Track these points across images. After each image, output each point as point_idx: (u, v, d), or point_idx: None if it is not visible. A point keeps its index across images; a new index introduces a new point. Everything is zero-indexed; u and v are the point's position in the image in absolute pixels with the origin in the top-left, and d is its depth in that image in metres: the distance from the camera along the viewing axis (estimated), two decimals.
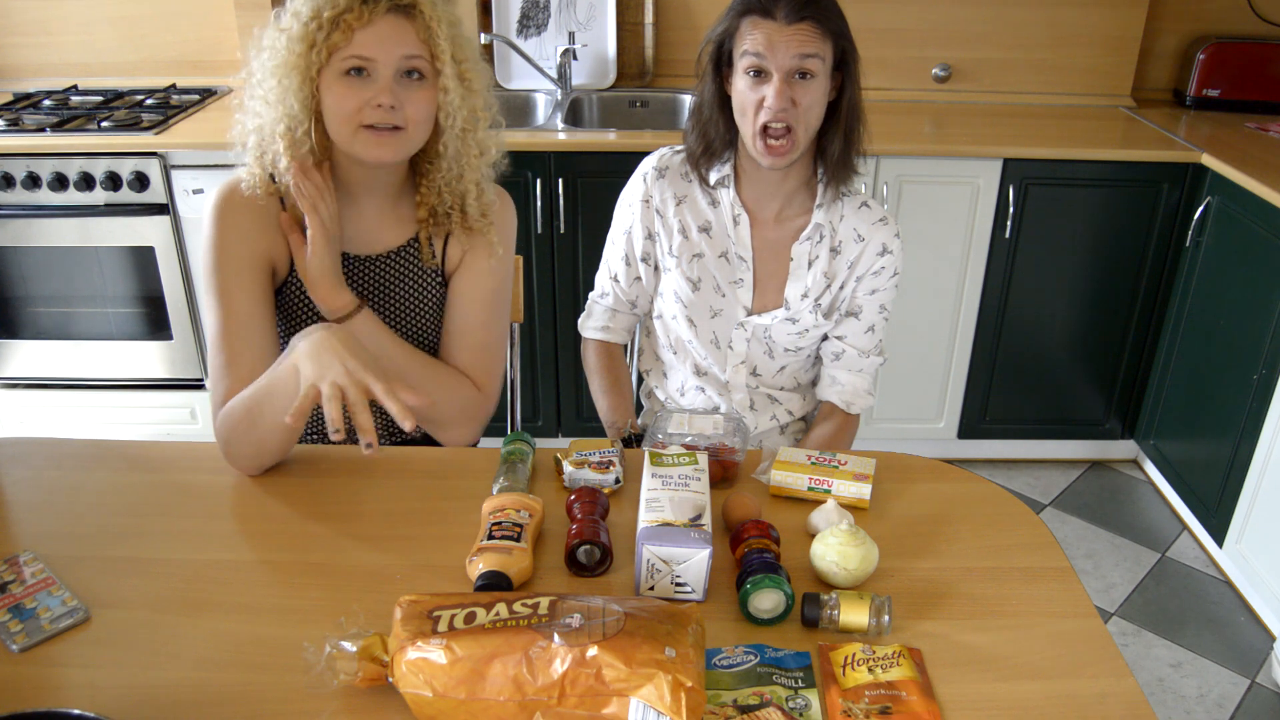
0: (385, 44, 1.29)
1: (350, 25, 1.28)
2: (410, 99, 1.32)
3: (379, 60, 1.30)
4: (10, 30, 3.00)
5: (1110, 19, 2.97)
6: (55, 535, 1.22)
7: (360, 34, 1.28)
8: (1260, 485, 2.36)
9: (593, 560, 1.14)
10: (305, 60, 1.29)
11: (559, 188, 2.58)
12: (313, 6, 1.29)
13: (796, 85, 1.45)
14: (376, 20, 1.29)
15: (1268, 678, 2.28)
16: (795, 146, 1.48)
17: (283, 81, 1.31)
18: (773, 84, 1.44)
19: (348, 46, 1.29)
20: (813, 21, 1.43)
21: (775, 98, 1.44)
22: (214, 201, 1.38)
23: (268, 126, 1.35)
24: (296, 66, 1.30)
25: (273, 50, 1.32)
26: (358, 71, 1.30)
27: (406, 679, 0.91)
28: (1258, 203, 2.36)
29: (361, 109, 1.30)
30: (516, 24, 2.97)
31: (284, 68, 1.31)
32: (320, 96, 1.32)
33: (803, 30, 1.43)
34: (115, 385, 2.83)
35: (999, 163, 2.60)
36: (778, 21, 1.43)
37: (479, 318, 1.50)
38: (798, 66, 1.44)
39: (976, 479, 1.37)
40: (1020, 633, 1.08)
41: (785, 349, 1.68)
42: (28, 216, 2.58)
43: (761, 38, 1.44)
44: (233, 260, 1.37)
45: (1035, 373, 2.90)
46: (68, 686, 1.00)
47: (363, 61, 1.30)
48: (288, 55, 1.30)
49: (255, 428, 1.29)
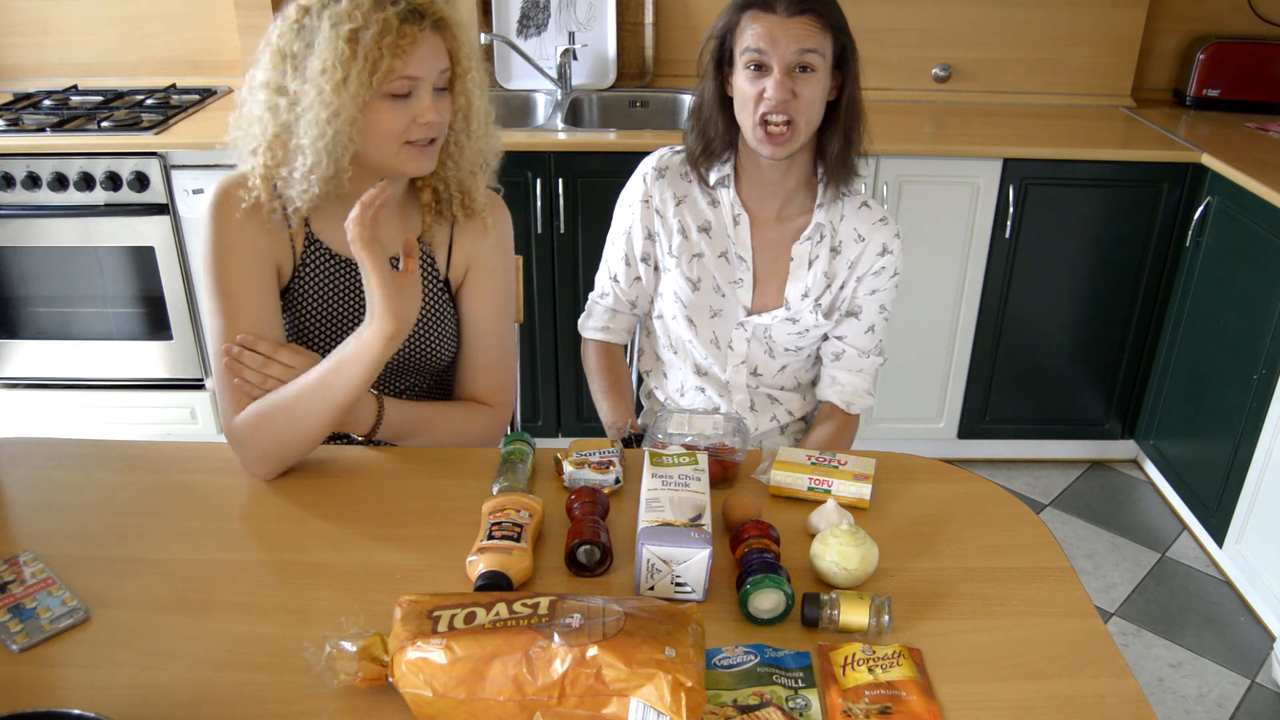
0: (428, 62, 1.30)
1: (399, 49, 1.26)
2: (442, 109, 1.34)
3: (424, 79, 1.30)
4: (10, 30, 3.00)
5: (1110, 19, 2.97)
6: (55, 535, 1.22)
7: (406, 56, 1.27)
8: (1260, 485, 2.36)
9: (593, 560, 1.14)
10: (340, 79, 1.25)
11: (559, 188, 2.58)
12: (351, 29, 1.24)
13: (797, 79, 1.45)
14: (421, 39, 1.28)
15: (1268, 678, 2.28)
16: (795, 137, 1.48)
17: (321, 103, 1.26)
18: (773, 76, 1.44)
19: (397, 70, 1.27)
20: (814, 15, 1.44)
21: (776, 89, 1.44)
22: (212, 201, 1.35)
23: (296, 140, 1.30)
24: (336, 89, 1.25)
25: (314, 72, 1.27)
26: (404, 93, 1.30)
27: (406, 679, 0.91)
28: (1258, 203, 2.36)
29: (409, 127, 1.31)
30: (516, 24, 2.97)
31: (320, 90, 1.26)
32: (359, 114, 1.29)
33: (803, 24, 1.43)
34: (115, 385, 2.83)
35: (999, 163, 2.60)
36: (778, 15, 1.44)
37: (488, 338, 1.53)
38: (798, 60, 1.44)
39: (976, 479, 1.37)
40: (1020, 633, 1.08)
41: (785, 349, 1.68)
42: (28, 216, 2.58)
43: (762, 31, 1.44)
44: (237, 260, 1.35)
45: (1035, 373, 2.90)
46: (68, 686, 1.00)
47: (409, 85, 1.29)
48: (327, 78, 1.25)
49: (299, 425, 1.29)
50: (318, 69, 1.26)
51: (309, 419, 1.29)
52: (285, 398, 1.30)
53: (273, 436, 1.30)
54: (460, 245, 1.50)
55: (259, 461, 1.32)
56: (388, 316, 1.25)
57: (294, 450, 1.32)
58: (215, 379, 1.37)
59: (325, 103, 1.26)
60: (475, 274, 1.51)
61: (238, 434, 1.31)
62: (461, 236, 1.49)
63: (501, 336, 1.55)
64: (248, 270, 1.36)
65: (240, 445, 1.32)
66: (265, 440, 1.30)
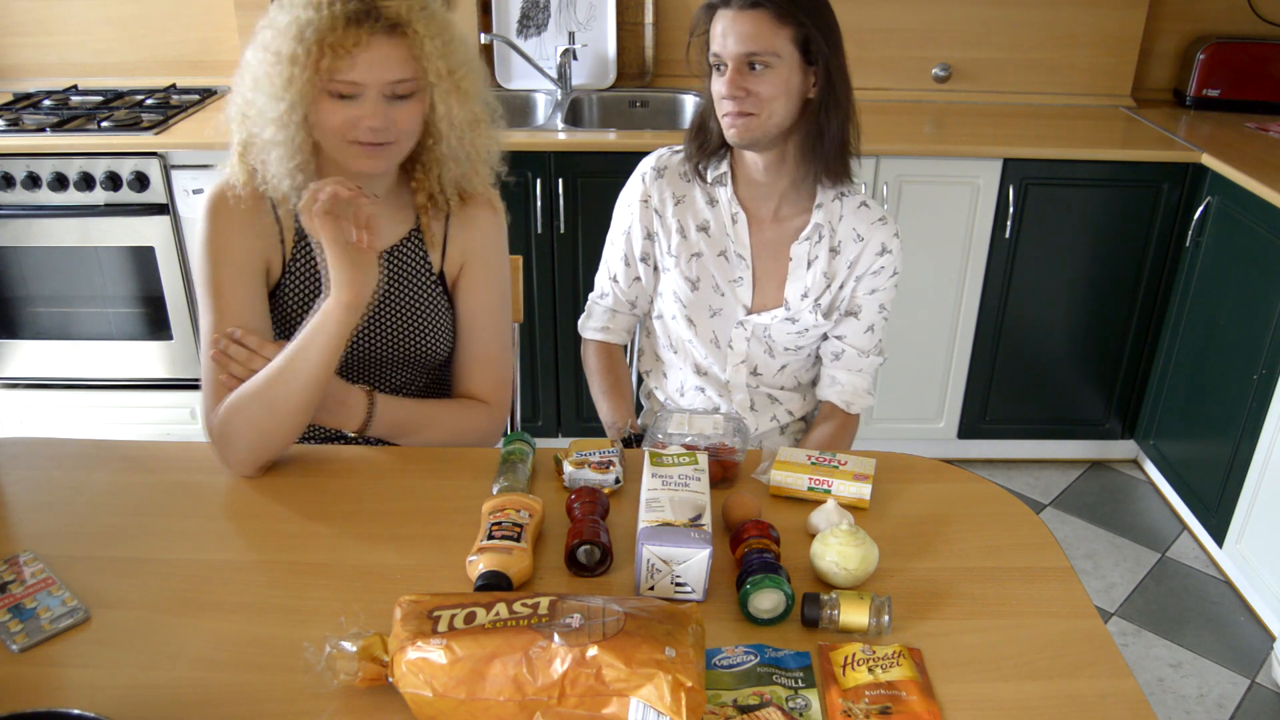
0: (374, 69, 1.26)
1: (341, 49, 1.24)
2: (399, 115, 1.30)
3: (368, 85, 1.27)
4: (10, 30, 3.00)
5: (1110, 19, 2.97)
6: (55, 535, 1.22)
7: (349, 58, 1.25)
8: (1260, 485, 2.36)
9: (593, 560, 1.14)
10: (288, 76, 1.25)
11: (559, 188, 2.58)
12: (298, 25, 1.24)
13: (750, 76, 1.44)
14: (366, 43, 1.24)
15: (1268, 678, 2.28)
16: (757, 126, 1.47)
17: (272, 96, 1.28)
18: (726, 74, 1.44)
19: (337, 71, 1.25)
20: (768, 9, 1.42)
21: (726, 86, 1.44)
22: (206, 202, 1.38)
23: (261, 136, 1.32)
24: (286, 85, 1.26)
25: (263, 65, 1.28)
26: (347, 94, 1.28)
27: (406, 679, 0.91)
28: (1258, 203, 2.36)
29: (349, 126, 1.29)
30: (516, 24, 2.97)
31: (272, 84, 1.27)
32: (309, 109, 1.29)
33: (754, 19, 1.42)
34: (115, 385, 2.83)
35: (999, 163, 2.60)
36: (731, 9, 1.43)
37: (484, 334, 1.53)
38: (747, 56, 1.43)
39: (976, 479, 1.37)
40: (1020, 633, 1.08)
41: (785, 348, 1.68)
42: (28, 216, 2.58)
43: (718, 31, 1.44)
44: (227, 259, 1.37)
45: (1035, 373, 2.90)
46: (68, 686, 1.00)
47: (351, 88, 1.27)
48: (278, 72, 1.26)
49: (272, 409, 1.29)
50: (272, 61, 1.27)
51: (282, 402, 1.29)
52: (257, 384, 1.30)
53: (249, 424, 1.30)
54: (455, 241, 1.50)
55: (239, 455, 1.31)
56: (343, 286, 1.26)
57: (273, 439, 1.31)
58: (202, 376, 1.37)
59: (279, 96, 1.27)
60: (471, 269, 1.51)
61: (217, 428, 1.32)
62: (457, 232, 1.49)
63: (498, 333, 1.54)
64: (239, 270, 1.37)
65: (220, 439, 1.32)
66: (243, 430, 1.30)
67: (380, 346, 1.48)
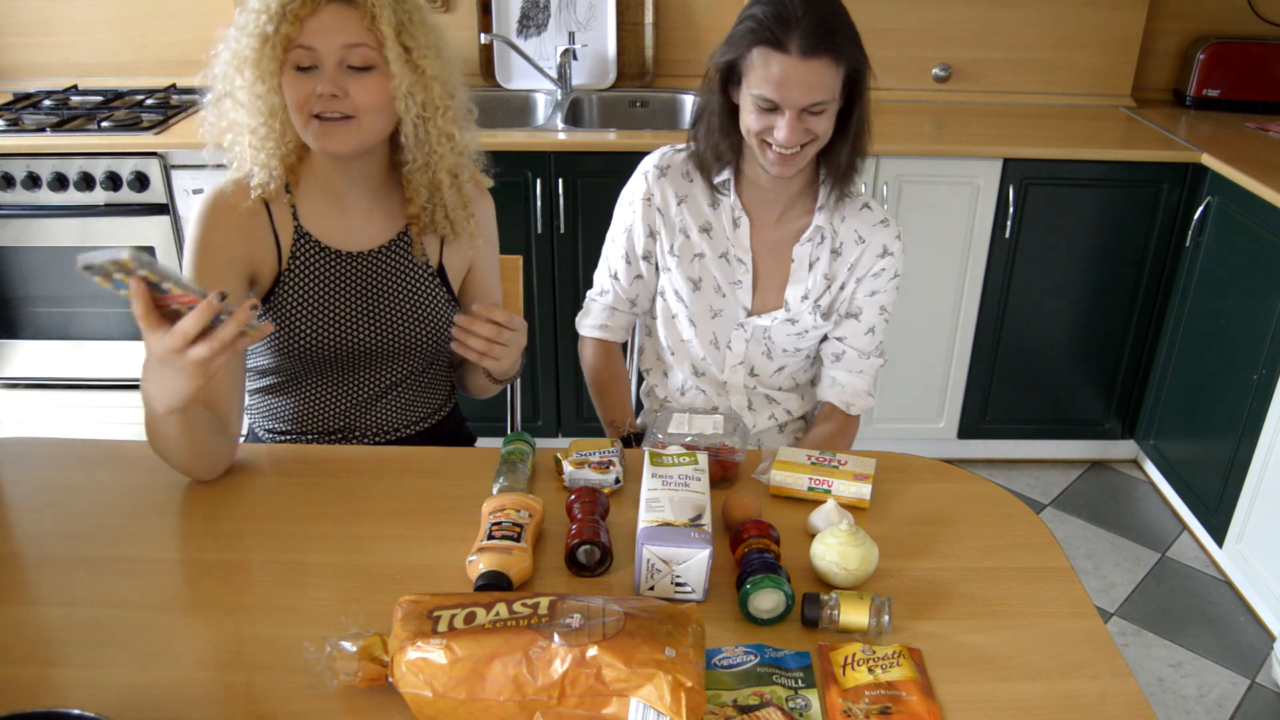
0: (327, 33, 1.29)
1: (298, 15, 1.28)
2: (358, 87, 1.31)
3: (321, 50, 1.30)
4: (10, 30, 3.00)
5: (1110, 19, 2.97)
6: (55, 535, 1.22)
7: (306, 24, 1.29)
8: (1260, 485, 2.36)
9: (593, 560, 1.14)
10: (259, 54, 1.29)
11: (559, 188, 2.58)
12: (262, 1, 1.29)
13: (808, 119, 1.42)
14: (319, 10, 1.29)
15: (1268, 678, 2.28)
16: (805, 157, 1.47)
17: (247, 78, 1.32)
18: (784, 119, 1.41)
19: (293, 37, 1.29)
20: (829, 56, 1.37)
21: (787, 132, 1.41)
22: (199, 206, 1.39)
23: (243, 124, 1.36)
24: (256, 63, 1.30)
25: (236, 49, 1.32)
26: (307, 64, 1.30)
27: (406, 679, 0.91)
28: (1258, 203, 2.36)
29: (309, 99, 1.31)
30: (516, 24, 2.97)
31: (244, 64, 1.31)
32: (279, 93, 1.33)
33: (818, 68, 1.37)
34: (115, 385, 2.83)
35: (999, 163, 2.60)
36: (791, 55, 1.37)
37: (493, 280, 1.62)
38: (809, 107, 1.41)
39: (976, 479, 1.37)
40: (1020, 633, 1.08)
41: (784, 350, 1.68)
42: (28, 216, 2.58)
43: (774, 76, 1.38)
44: (208, 262, 1.37)
45: (1035, 373, 2.90)
46: (68, 686, 1.00)
47: (307, 53, 1.30)
48: (247, 53, 1.30)
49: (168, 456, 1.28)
50: (245, 40, 1.30)
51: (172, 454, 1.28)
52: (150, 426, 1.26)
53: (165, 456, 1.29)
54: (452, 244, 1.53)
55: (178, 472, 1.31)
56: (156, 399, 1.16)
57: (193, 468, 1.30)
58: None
59: (255, 76, 1.31)
60: (479, 253, 1.57)
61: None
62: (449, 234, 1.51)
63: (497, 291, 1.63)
64: (218, 274, 1.37)
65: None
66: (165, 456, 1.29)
67: (376, 340, 1.48)
